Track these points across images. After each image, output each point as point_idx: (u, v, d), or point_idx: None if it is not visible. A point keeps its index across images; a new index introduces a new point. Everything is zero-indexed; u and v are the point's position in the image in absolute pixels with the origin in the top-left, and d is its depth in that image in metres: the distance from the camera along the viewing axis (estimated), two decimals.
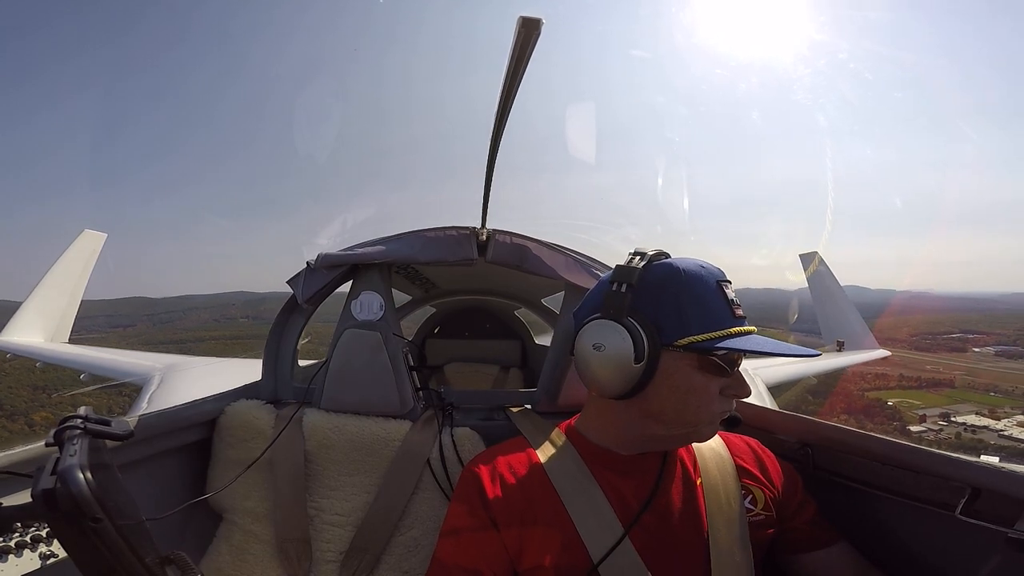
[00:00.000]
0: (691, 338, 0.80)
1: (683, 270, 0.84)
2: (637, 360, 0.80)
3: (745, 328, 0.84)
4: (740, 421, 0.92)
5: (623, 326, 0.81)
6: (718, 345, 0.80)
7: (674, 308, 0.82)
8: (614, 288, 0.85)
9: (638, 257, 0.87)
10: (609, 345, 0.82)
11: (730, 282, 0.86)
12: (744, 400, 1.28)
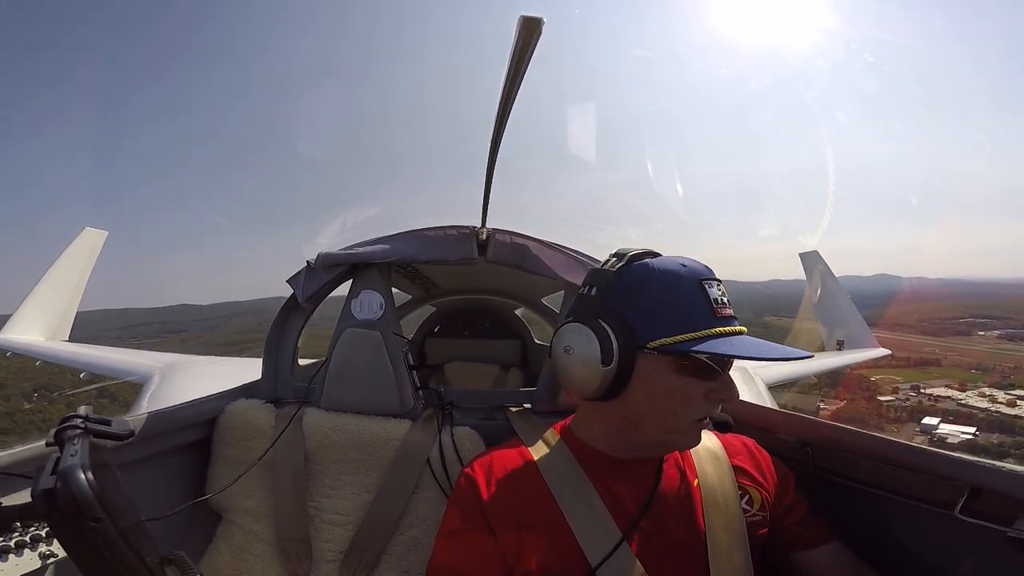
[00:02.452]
0: (662, 340, 0.77)
1: (659, 270, 0.81)
2: (605, 362, 0.78)
3: (731, 328, 0.80)
4: (731, 425, 0.90)
5: (591, 328, 0.80)
6: (693, 348, 0.77)
7: (646, 309, 0.80)
8: (585, 291, 0.85)
9: (615, 259, 0.85)
10: (577, 348, 0.81)
11: (718, 281, 0.83)
12: (743, 399, 1.28)
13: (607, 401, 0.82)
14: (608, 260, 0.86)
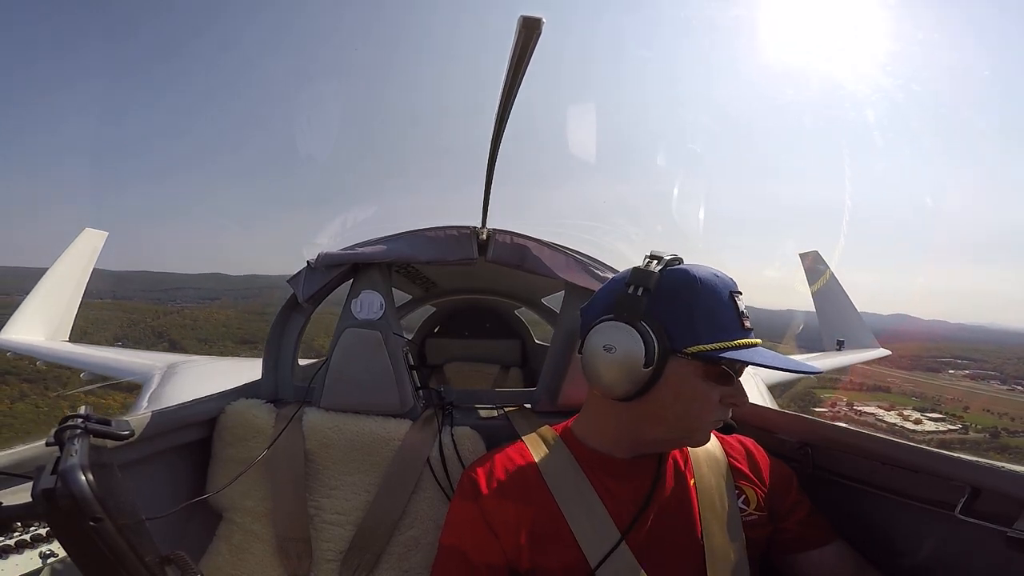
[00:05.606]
0: (701, 347, 0.80)
1: (699, 278, 0.84)
2: (647, 364, 0.80)
3: (751, 340, 0.84)
4: (735, 427, 0.95)
5: (636, 330, 0.81)
6: (724, 355, 0.80)
7: (686, 315, 0.82)
8: (630, 291, 0.84)
9: (655, 261, 0.86)
10: (620, 347, 0.81)
11: (741, 293, 0.87)
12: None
13: (628, 401, 0.84)
14: (647, 261, 0.87)
